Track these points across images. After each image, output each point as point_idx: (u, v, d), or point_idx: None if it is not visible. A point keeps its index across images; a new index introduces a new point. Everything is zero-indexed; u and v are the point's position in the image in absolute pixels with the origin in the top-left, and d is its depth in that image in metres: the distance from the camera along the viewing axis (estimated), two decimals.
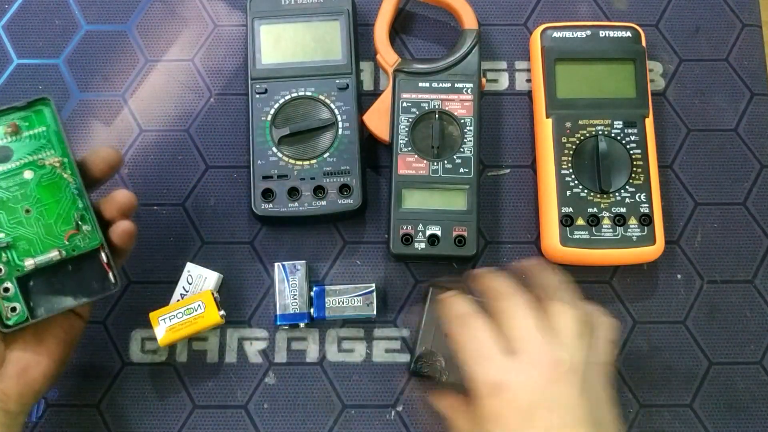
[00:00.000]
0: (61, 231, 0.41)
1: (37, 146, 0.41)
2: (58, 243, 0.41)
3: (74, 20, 0.58)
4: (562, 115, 0.53)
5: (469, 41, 0.54)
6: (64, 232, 0.41)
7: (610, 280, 0.54)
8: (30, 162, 0.41)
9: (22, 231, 0.41)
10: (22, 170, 0.41)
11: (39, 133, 0.42)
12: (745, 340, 0.53)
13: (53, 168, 0.41)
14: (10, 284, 0.41)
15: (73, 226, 0.41)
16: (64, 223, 0.41)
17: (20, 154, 0.41)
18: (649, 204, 0.52)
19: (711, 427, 0.51)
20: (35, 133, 0.42)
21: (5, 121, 0.41)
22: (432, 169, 0.52)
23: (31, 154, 0.41)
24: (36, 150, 0.41)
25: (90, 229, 0.42)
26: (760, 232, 0.55)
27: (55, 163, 0.41)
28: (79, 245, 0.42)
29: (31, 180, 0.41)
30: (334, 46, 0.55)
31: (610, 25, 0.56)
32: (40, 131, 0.42)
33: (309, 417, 0.51)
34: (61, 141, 0.42)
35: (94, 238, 0.42)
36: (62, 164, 0.41)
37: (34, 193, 0.41)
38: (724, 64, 0.58)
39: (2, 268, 0.41)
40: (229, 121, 0.56)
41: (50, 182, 0.41)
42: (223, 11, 0.59)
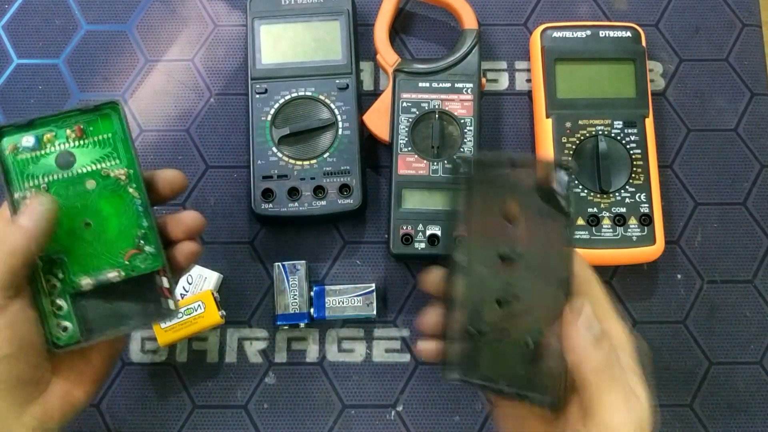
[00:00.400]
0: (121, 249, 0.38)
1: (102, 154, 0.37)
2: (118, 262, 0.38)
3: (74, 20, 0.58)
4: (562, 115, 0.53)
5: (469, 41, 0.54)
6: (125, 250, 0.37)
7: (610, 280, 0.54)
8: (93, 171, 0.37)
9: (80, 245, 0.37)
10: (85, 179, 0.37)
11: (104, 140, 0.38)
12: (745, 340, 0.53)
13: (117, 180, 0.37)
14: (64, 302, 0.37)
15: (135, 245, 0.38)
16: (125, 241, 0.37)
17: (83, 162, 0.37)
18: (649, 204, 0.52)
19: (711, 427, 0.51)
20: (100, 140, 0.37)
21: (70, 124, 0.37)
22: (432, 169, 0.52)
23: (95, 162, 0.37)
24: (100, 158, 0.37)
25: (153, 251, 0.38)
26: (760, 232, 0.55)
27: (120, 174, 0.37)
28: (138, 266, 0.38)
29: (93, 191, 0.37)
30: (334, 46, 0.55)
31: (610, 25, 0.56)
32: (105, 137, 0.38)
33: (309, 417, 0.51)
34: (128, 150, 0.38)
35: (156, 261, 0.38)
36: (128, 176, 0.37)
37: (96, 205, 0.37)
38: (724, 64, 0.58)
39: (56, 284, 0.37)
40: (229, 121, 0.56)
41: (113, 195, 0.37)
42: (223, 11, 0.59)
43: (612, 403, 0.32)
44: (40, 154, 0.37)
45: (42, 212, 0.35)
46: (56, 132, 0.37)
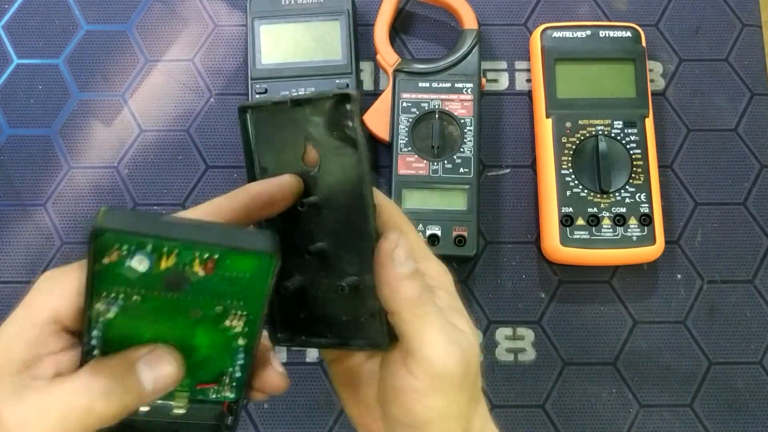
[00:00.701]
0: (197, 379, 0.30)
1: (225, 291, 0.27)
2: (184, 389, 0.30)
3: (74, 20, 0.58)
4: (562, 115, 0.53)
5: (469, 41, 0.54)
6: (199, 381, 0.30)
7: (610, 280, 0.54)
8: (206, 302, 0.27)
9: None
10: (191, 308, 0.27)
11: (236, 278, 0.26)
12: (745, 340, 0.53)
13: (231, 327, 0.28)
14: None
15: (215, 380, 0.30)
16: (205, 374, 0.29)
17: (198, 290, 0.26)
18: (649, 204, 0.52)
19: (711, 427, 0.51)
20: (231, 277, 0.26)
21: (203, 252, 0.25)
22: (432, 169, 0.52)
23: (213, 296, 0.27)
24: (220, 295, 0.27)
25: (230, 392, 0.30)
26: (760, 232, 0.55)
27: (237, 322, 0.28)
28: (208, 395, 0.30)
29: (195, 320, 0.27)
30: (334, 46, 0.55)
31: (610, 25, 0.56)
32: (239, 276, 0.26)
33: (309, 417, 0.51)
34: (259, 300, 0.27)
35: (232, 395, 0.31)
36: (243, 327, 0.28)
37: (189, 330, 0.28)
38: (724, 64, 0.58)
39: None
40: (229, 121, 0.56)
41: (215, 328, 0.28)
42: (223, 11, 0.59)
43: (430, 337, 0.30)
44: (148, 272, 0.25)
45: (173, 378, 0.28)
46: (180, 256, 0.25)
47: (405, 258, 0.30)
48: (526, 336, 0.53)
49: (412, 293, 0.30)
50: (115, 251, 0.24)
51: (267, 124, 0.33)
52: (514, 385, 0.52)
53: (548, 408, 0.52)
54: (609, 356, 0.53)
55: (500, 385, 0.52)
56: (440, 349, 0.30)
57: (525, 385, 0.52)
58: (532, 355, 0.53)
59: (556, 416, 0.52)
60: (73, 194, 0.55)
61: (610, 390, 0.52)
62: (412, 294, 0.30)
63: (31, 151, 0.55)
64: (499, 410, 0.52)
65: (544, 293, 0.54)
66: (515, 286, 0.54)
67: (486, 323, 0.53)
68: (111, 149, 0.56)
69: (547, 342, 0.53)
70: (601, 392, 0.52)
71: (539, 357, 0.53)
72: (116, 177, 0.55)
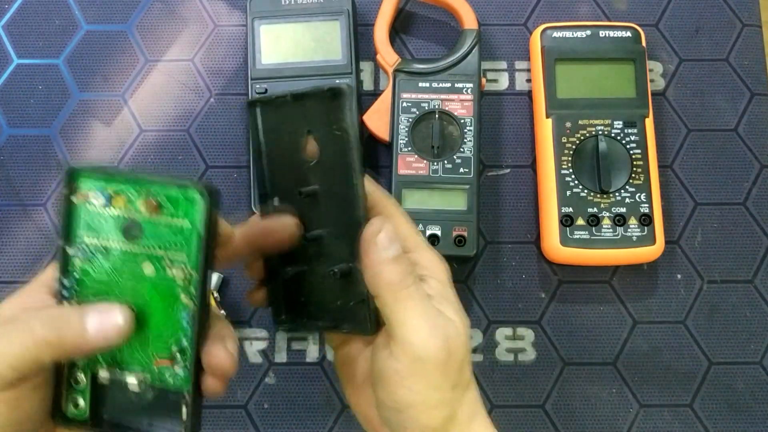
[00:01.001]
0: (154, 352, 0.32)
1: (172, 241, 0.31)
2: (145, 365, 0.33)
3: (74, 20, 0.58)
4: (562, 115, 0.53)
5: (469, 41, 0.54)
6: (157, 356, 0.32)
7: (610, 280, 0.54)
8: (155, 256, 0.31)
9: None
10: (144, 261, 0.31)
11: (179, 226, 0.31)
12: (745, 340, 0.53)
13: (174, 278, 0.31)
14: (84, 377, 0.33)
15: (168, 356, 0.32)
16: (160, 346, 0.32)
17: (149, 242, 0.31)
18: (649, 204, 0.52)
19: (711, 427, 0.51)
20: (175, 225, 0.31)
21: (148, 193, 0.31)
22: (432, 169, 0.52)
23: (161, 247, 0.31)
24: (168, 245, 0.31)
25: (182, 371, 0.32)
26: (760, 232, 0.55)
27: (179, 274, 0.31)
28: (165, 380, 0.32)
29: (149, 277, 0.32)
30: (334, 46, 0.55)
31: (610, 25, 0.56)
32: (181, 224, 0.31)
33: (309, 417, 0.51)
34: (200, 250, 0.31)
35: (184, 383, 0.32)
36: (187, 279, 0.31)
37: (146, 294, 0.32)
38: (724, 64, 0.58)
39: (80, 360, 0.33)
40: (229, 121, 0.56)
41: (166, 292, 0.32)
42: (223, 11, 0.59)
43: (411, 321, 0.31)
44: (108, 213, 0.31)
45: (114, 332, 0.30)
46: (130, 196, 0.31)
47: (389, 243, 0.31)
48: (526, 336, 0.53)
49: (394, 277, 0.31)
50: (81, 192, 0.31)
51: (273, 118, 0.35)
52: (514, 385, 0.52)
53: (548, 408, 0.52)
54: (609, 356, 0.53)
55: (500, 385, 0.52)
56: (422, 334, 0.31)
57: (525, 385, 0.52)
58: (532, 355, 0.53)
59: (556, 416, 0.52)
60: None
61: (610, 390, 0.52)
62: (394, 278, 0.31)
63: (31, 151, 0.56)
64: (499, 410, 0.52)
65: (544, 293, 0.54)
66: (515, 286, 0.54)
67: (486, 323, 0.53)
68: (111, 149, 0.56)
69: (547, 342, 0.53)
70: (601, 392, 0.52)
71: (539, 357, 0.53)
72: None
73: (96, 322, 0.30)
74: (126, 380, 0.33)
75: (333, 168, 0.33)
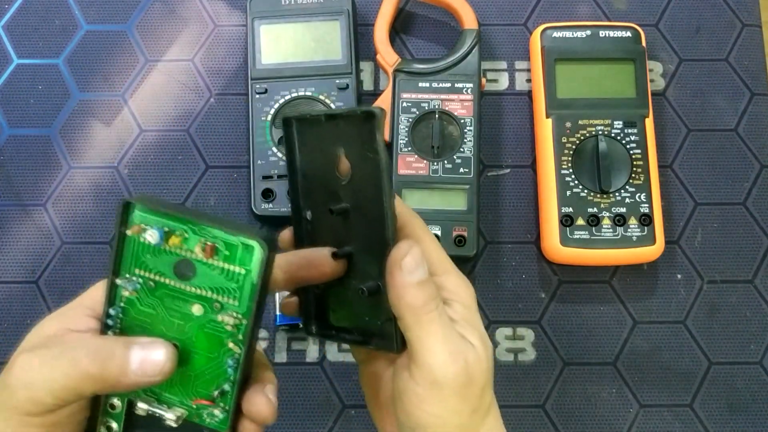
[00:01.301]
0: (194, 392, 0.32)
1: (225, 286, 0.31)
2: (184, 402, 0.32)
3: (74, 20, 0.58)
4: (562, 115, 0.53)
5: (469, 41, 0.54)
6: (197, 396, 0.32)
7: (610, 280, 0.54)
8: (206, 297, 0.31)
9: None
10: (194, 301, 0.31)
11: (234, 273, 0.30)
12: (745, 340, 0.53)
13: (224, 324, 0.31)
14: (119, 403, 0.33)
15: (208, 397, 0.32)
16: (202, 386, 0.32)
17: (200, 282, 0.31)
18: (649, 204, 0.52)
19: (711, 427, 0.51)
20: (229, 270, 0.30)
21: (206, 236, 0.30)
22: (432, 169, 0.52)
23: (213, 290, 0.31)
24: (220, 289, 0.31)
25: (221, 413, 0.32)
26: (760, 232, 0.55)
27: (228, 320, 0.31)
28: (202, 419, 0.32)
29: (196, 318, 0.31)
30: (334, 46, 0.55)
31: (610, 25, 0.56)
32: (236, 271, 0.30)
33: (309, 417, 0.51)
34: (253, 298, 0.30)
35: (221, 425, 0.32)
36: (236, 326, 0.31)
37: (192, 334, 0.31)
38: (724, 64, 0.58)
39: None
40: (229, 121, 0.56)
41: (213, 335, 0.31)
42: (223, 11, 0.59)
43: (432, 345, 0.31)
44: (161, 249, 0.31)
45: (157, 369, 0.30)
46: (186, 236, 0.30)
47: (415, 267, 0.31)
48: (526, 336, 0.53)
49: (416, 301, 0.31)
50: (135, 226, 0.30)
51: (308, 135, 0.36)
52: (514, 385, 0.52)
53: (548, 408, 0.52)
54: (609, 356, 0.53)
55: (500, 385, 0.52)
56: (441, 358, 0.31)
57: (525, 385, 0.52)
58: (532, 355, 0.53)
59: (556, 416, 0.52)
60: (73, 194, 0.55)
61: (610, 390, 0.52)
62: (416, 302, 0.31)
63: (31, 151, 0.56)
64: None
65: (544, 293, 0.54)
66: (515, 286, 0.54)
67: (486, 323, 0.53)
68: (111, 149, 0.56)
69: (547, 342, 0.53)
70: (601, 392, 0.52)
71: (539, 357, 0.53)
72: (116, 177, 0.55)
73: (139, 357, 0.29)
74: (163, 414, 0.32)
75: (364, 188, 0.34)
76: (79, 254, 0.54)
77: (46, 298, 0.53)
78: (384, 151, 0.32)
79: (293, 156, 0.36)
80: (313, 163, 0.36)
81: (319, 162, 0.36)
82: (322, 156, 0.35)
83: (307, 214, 0.36)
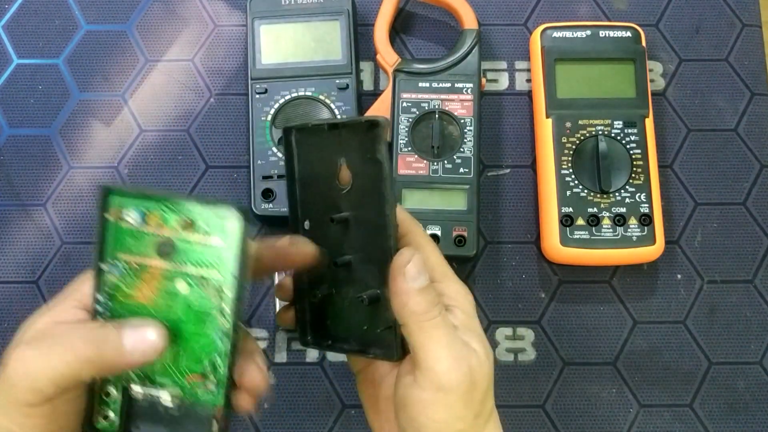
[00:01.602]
0: (187, 368, 0.33)
1: (205, 260, 0.32)
2: (177, 381, 0.33)
3: (74, 20, 0.58)
4: (562, 115, 0.53)
5: (469, 41, 0.54)
6: (190, 372, 0.33)
7: (610, 280, 0.54)
8: (189, 274, 0.32)
9: None
10: (178, 278, 0.32)
11: (213, 246, 0.31)
12: (745, 340, 0.53)
13: (209, 296, 0.32)
14: (115, 391, 0.33)
15: (201, 370, 0.33)
16: (193, 362, 0.33)
17: (182, 258, 0.32)
18: (649, 204, 0.52)
19: (711, 427, 0.51)
20: (208, 243, 0.31)
21: (182, 212, 0.31)
22: (432, 169, 0.52)
23: (195, 264, 0.32)
24: (202, 263, 0.32)
25: (215, 387, 0.33)
26: (760, 232, 0.55)
27: (213, 292, 0.32)
28: (197, 396, 0.33)
29: (182, 295, 0.32)
30: (334, 46, 0.55)
31: (610, 25, 0.56)
32: (215, 243, 0.31)
33: (309, 417, 0.51)
34: (234, 267, 0.31)
35: (215, 399, 0.33)
36: (220, 295, 0.32)
37: (179, 311, 0.32)
38: (724, 64, 0.58)
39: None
40: (229, 121, 0.56)
41: (200, 310, 0.32)
42: (223, 11, 0.59)
43: (436, 351, 0.31)
44: (143, 230, 0.32)
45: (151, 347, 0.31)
46: (164, 214, 0.31)
47: (417, 274, 0.32)
48: (526, 336, 0.53)
49: (420, 308, 0.32)
50: (114, 209, 0.31)
51: (308, 144, 0.36)
52: (514, 385, 0.52)
53: (548, 408, 0.52)
54: (609, 356, 0.53)
55: (500, 385, 0.52)
56: (446, 363, 0.31)
57: (525, 385, 0.52)
58: (532, 355, 0.53)
59: (556, 416, 0.52)
60: (73, 194, 0.55)
61: (610, 390, 0.52)
62: (420, 308, 0.32)
63: (31, 151, 0.56)
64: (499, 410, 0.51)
65: (544, 293, 0.54)
66: (515, 286, 0.54)
67: (486, 323, 0.53)
68: (111, 149, 0.56)
69: (547, 342, 0.53)
70: (601, 392, 0.52)
71: (539, 357, 0.53)
72: (116, 177, 0.55)
73: (131, 338, 0.30)
74: (158, 395, 0.33)
75: (366, 196, 0.34)
76: (79, 254, 0.54)
77: (46, 298, 0.53)
78: (388, 160, 0.32)
79: (292, 165, 0.37)
80: (313, 173, 0.36)
81: (319, 171, 0.36)
82: (323, 165, 0.36)
83: (305, 224, 0.37)
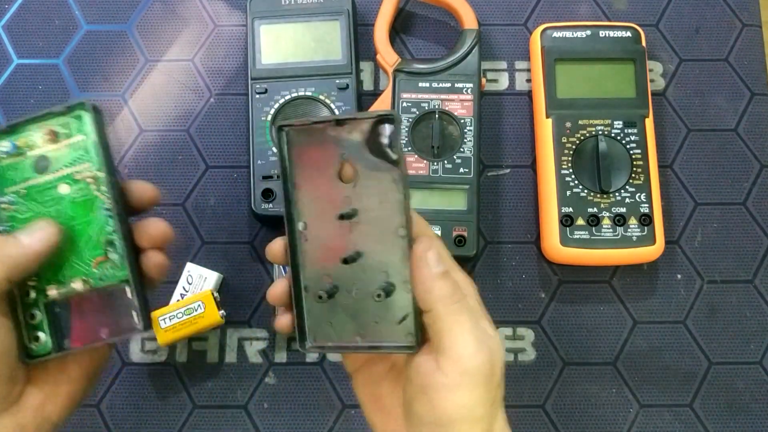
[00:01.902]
0: (90, 256, 0.36)
1: (75, 157, 0.36)
2: (86, 270, 0.36)
3: (74, 20, 0.58)
4: (562, 115, 0.53)
5: (469, 41, 0.54)
6: (93, 258, 0.36)
7: (610, 280, 0.54)
8: (66, 175, 0.36)
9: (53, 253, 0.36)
10: (58, 184, 0.36)
11: (77, 143, 0.36)
12: (745, 340, 0.53)
13: (87, 183, 0.36)
14: (38, 311, 0.36)
15: (102, 252, 0.36)
16: (93, 248, 0.36)
17: (56, 165, 0.36)
18: (649, 204, 0.52)
19: (711, 427, 0.51)
20: (73, 143, 0.36)
21: (44, 126, 0.36)
22: (432, 169, 0.52)
23: (68, 165, 0.36)
24: (73, 161, 0.36)
25: (118, 259, 0.36)
26: (760, 232, 0.55)
27: (89, 177, 0.36)
28: (108, 275, 0.36)
29: (66, 196, 0.36)
30: (334, 46, 0.55)
31: (610, 25, 0.56)
32: (78, 140, 0.36)
33: (309, 417, 0.51)
34: (99, 153, 0.36)
35: (122, 270, 0.36)
36: (96, 179, 0.36)
37: (68, 210, 0.36)
38: (724, 64, 0.58)
39: (30, 293, 0.36)
40: (229, 121, 0.56)
41: (84, 199, 0.36)
42: (223, 11, 0.59)
43: (461, 335, 0.32)
44: (19, 159, 0.36)
45: (45, 235, 0.34)
46: (31, 136, 0.36)
47: (437, 260, 0.33)
48: (526, 336, 0.53)
49: (445, 291, 0.33)
50: None
51: (303, 143, 0.36)
52: (514, 385, 0.52)
53: (548, 408, 0.52)
54: (609, 356, 0.53)
55: None
56: (471, 347, 0.32)
57: (525, 385, 0.52)
58: (532, 355, 0.53)
59: (556, 416, 0.52)
60: None
61: (610, 390, 0.52)
62: (445, 292, 0.33)
63: None
64: None
65: (544, 293, 0.54)
66: (515, 286, 0.54)
67: None
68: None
69: (547, 342, 0.53)
70: (601, 392, 0.52)
71: (539, 357, 0.53)
72: None
73: (27, 234, 0.34)
74: (72, 287, 0.36)
75: (374, 191, 0.34)
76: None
77: None
78: (401, 153, 0.33)
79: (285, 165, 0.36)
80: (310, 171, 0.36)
81: (317, 169, 0.36)
82: (321, 163, 0.35)
83: (299, 225, 0.36)
